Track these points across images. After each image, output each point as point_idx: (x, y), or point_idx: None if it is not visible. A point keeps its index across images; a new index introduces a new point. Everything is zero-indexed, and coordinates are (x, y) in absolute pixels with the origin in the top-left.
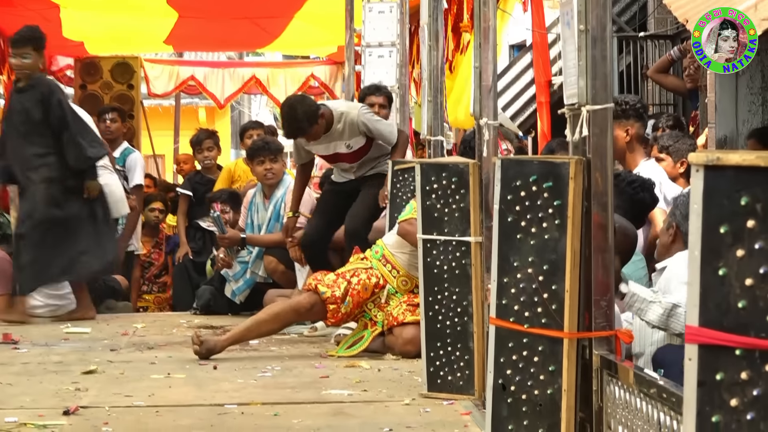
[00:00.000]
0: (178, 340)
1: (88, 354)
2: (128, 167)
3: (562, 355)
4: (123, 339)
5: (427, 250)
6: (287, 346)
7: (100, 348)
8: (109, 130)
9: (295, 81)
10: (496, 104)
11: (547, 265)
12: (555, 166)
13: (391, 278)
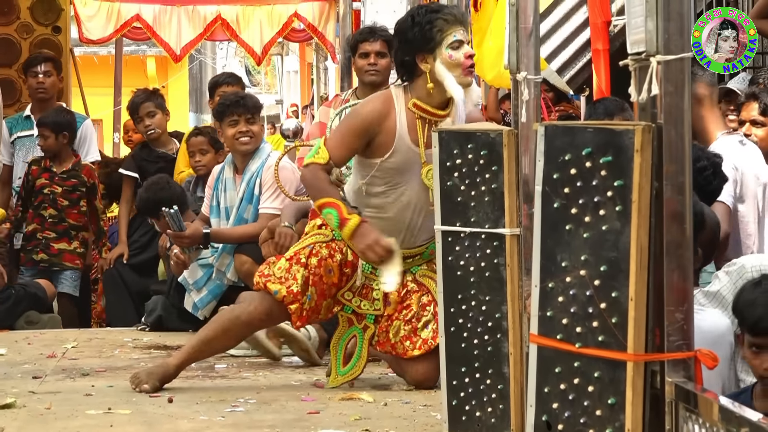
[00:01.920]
0: (122, 365)
1: (3, 383)
2: (81, 138)
3: (626, 384)
4: (49, 363)
5: (447, 246)
6: (265, 372)
7: (19, 375)
8: (42, 87)
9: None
10: (538, 53)
11: (606, 266)
12: (615, 136)
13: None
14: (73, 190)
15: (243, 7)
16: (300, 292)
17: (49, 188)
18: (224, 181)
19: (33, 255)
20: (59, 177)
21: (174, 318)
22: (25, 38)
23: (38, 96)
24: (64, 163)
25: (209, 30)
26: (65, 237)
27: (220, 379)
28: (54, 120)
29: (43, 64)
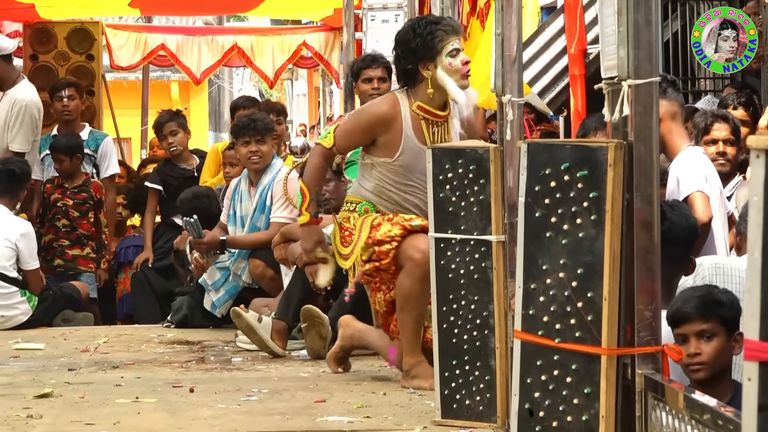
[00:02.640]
0: (148, 358)
1: (42, 374)
2: (102, 154)
3: (600, 375)
4: (83, 357)
5: (440, 251)
6: (276, 365)
7: (56, 367)
8: (67, 110)
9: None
10: (521, 78)
11: (582, 269)
12: (591, 152)
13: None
14: (83, 203)
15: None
16: None
17: (62, 201)
18: (240, 192)
19: (51, 262)
20: (71, 191)
21: (198, 316)
22: (62, 65)
23: (64, 118)
24: (76, 179)
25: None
26: (78, 244)
27: (236, 371)
28: (66, 144)
29: (67, 89)
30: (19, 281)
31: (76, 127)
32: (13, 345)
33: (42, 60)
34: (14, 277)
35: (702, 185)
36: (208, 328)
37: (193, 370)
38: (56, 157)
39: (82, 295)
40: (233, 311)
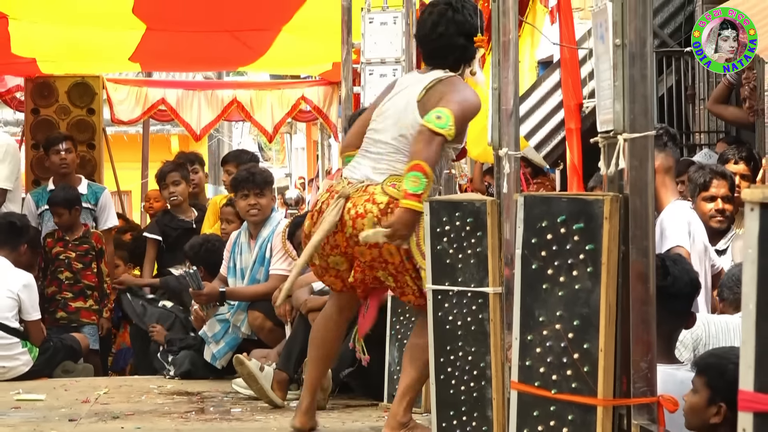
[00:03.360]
0: (148, 409)
1: (43, 425)
2: (101, 207)
3: (596, 426)
4: (83, 407)
5: (437, 303)
6: (275, 415)
7: (56, 418)
8: (65, 163)
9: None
10: (518, 132)
11: (578, 321)
12: (587, 205)
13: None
14: (85, 254)
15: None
16: None
17: (64, 254)
18: (240, 245)
19: (54, 314)
20: (72, 243)
21: (200, 368)
22: (63, 119)
23: (61, 171)
24: (76, 231)
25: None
26: (81, 296)
27: (235, 422)
28: (64, 198)
29: (64, 142)
30: (20, 332)
31: (72, 180)
32: (15, 396)
33: (43, 114)
34: (16, 328)
35: (684, 240)
36: (208, 379)
37: (193, 421)
38: (55, 210)
39: (83, 347)
40: (236, 359)
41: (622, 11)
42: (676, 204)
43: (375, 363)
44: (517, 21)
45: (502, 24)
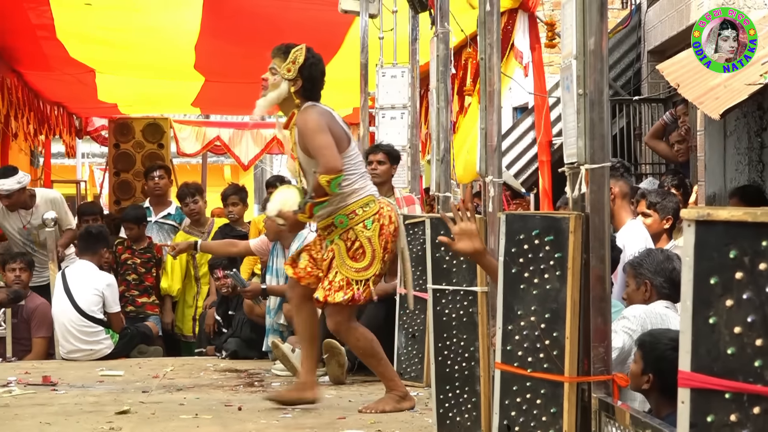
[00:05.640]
0: (205, 383)
1: (122, 395)
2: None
3: (563, 398)
4: (154, 381)
5: (436, 299)
6: None
7: (132, 390)
8: (158, 187)
9: None
10: (500, 163)
11: (549, 314)
12: (556, 221)
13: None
14: (148, 261)
15: None
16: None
17: (131, 260)
18: (277, 251)
19: (124, 308)
20: (138, 252)
21: (244, 349)
22: (138, 152)
23: (155, 193)
24: (142, 242)
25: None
26: (145, 293)
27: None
28: (134, 215)
29: (158, 170)
30: (104, 322)
31: (165, 203)
32: (99, 372)
33: (123, 148)
34: (100, 319)
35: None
36: (252, 359)
37: (241, 393)
38: (127, 225)
39: (153, 333)
40: (272, 343)
41: (584, 67)
42: (631, 223)
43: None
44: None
45: (488, 77)
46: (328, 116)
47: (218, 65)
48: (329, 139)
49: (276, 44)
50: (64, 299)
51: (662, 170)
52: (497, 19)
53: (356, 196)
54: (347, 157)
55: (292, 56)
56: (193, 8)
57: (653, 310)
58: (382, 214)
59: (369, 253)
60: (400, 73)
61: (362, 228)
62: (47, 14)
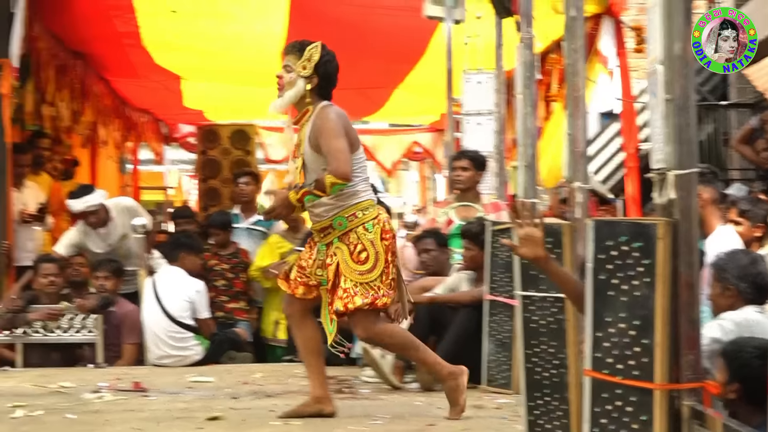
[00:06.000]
0: (295, 389)
1: (212, 402)
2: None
3: (654, 406)
4: (244, 388)
5: (525, 306)
6: (395, 395)
7: (222, 396)
8: (244, 193)
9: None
10: (587, 169)
11: (638, 321)
12: (645, 227)
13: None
14: (235, 267)
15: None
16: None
17: (219, 266)
18: None
19: (213, 314)
20: (226, 258)
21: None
22: (225, 158)
23: (241, 200)
24: (228, 248)
25: None
26: (234, 299)
27: (364, 400)
28: (221, 221)
29: (244, 177)
30: (193, 328)
31: (253, 209)
32: (189, 378)
33: (210, 154)
34: (190, 325)
35: None
36: (341, 365)
37: None
38: (213, 231)
39: (242, 339)
40: (363, 348)
41: (671, 72)
42: (722, 229)
43: (474, 352)
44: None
45: (574, 83)
46: (345, 119)
47: None
48: (346, 144)
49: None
50: (154, 305)
51: (750, 176)
52: (582, 24)
53: (357, 198)
54: (355, 160)
55: (308, 54)
56: (279, 15)
57: (747, 318)
58: (380, 219)
59: (372, 255)
60: (486, 78)
61: (363, 230)
62: (133, 22)
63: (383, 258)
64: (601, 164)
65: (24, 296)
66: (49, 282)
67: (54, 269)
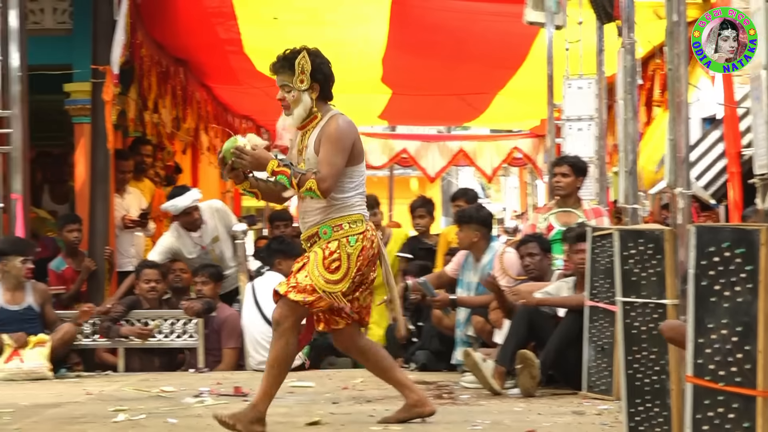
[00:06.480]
0: (394, 394)
1: (312, 407)
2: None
3: (756, 413)
4: (343, 393)
5: (625, 312)
6: (495, 401)
7: (322, 401)
8: None
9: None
10: (689, 174)
11: (740, 327)
12: (747, 233)
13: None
14: None
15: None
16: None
17: None
18: (469, 263)
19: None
20: None
21: (433, 362)
22: None
23: None
24: None
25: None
26: None
27: (464, 406)
28: None
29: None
30: None
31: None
32: (289, 383)
33: None
34: None
35: None
36: (441, 371)
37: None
38: None
39: None
40: (464, 351)
41: None
42: None
43: (574, 359)
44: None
45: (676, 88)
46: (354, 131)
47: (405, 78)
48: (343, 162)
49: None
50: (254, 311)
51: None
52: (684, 29)
53: (348, 210)
54: (356, 172)
55: (299, 66)
56: (379, 21)
57: None
58: (366, 236)
59: (344, 268)
60: (587, 84)
61: (345, 242)
62: (234, 29)
63: (352, 275)
64: (703, 170)
65: (124, 302)
66: (150, 288)
67: (156, 275)
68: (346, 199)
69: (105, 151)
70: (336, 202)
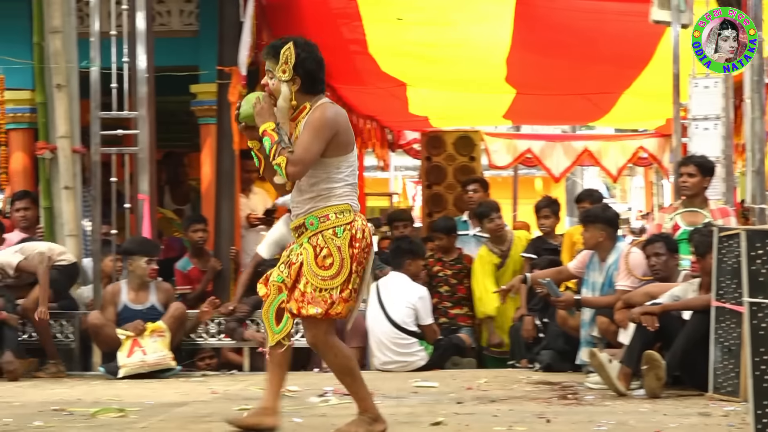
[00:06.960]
0: (519, 395)
1: (436, 407)
2: None
3: None
4: (468, 393)
5: (753, 313)
6: (621, 402)
7: (446, 401)
8: (472, 200)
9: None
10: None
11: None
12: None
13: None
14: (459, 272)
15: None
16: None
17: (442, 272)
18: (594, 263)
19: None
20: (449, 263)
21: (558, 362)
22: (449, 165)
23: (469, 207)
24: (452, 253)
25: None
26: (458, 305)
27: (589, 406)
28: (444, 226)
29: (472, 184)
30: (417, 334)
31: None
32: (413, 383)
33: (435, 161)
34: (413, 331)
35: None
36: (566, 372)
37: (555, 405)
38: (436, 235)
39: (466, 345)
40: (590, 352)
41: None
42: None
43: (701, 360)
44: None
45: None
46: (343, 119)
47: (530, 78)
48: (319, 150)
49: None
50: (378, 311)
51: None
52: None
53: (335, 200)
54: (344, 162)
55: (283, 57)
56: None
57: None
58: (354, 225)
59: (337, 261)
60: (713, 83)
61: (332, 235)
62: (359, 29)
63: (348, 266)
64: None
65: (249, 301)
66: None
67: None
68: (333, 189)
69: (231, 152)
70: (323, 192)
